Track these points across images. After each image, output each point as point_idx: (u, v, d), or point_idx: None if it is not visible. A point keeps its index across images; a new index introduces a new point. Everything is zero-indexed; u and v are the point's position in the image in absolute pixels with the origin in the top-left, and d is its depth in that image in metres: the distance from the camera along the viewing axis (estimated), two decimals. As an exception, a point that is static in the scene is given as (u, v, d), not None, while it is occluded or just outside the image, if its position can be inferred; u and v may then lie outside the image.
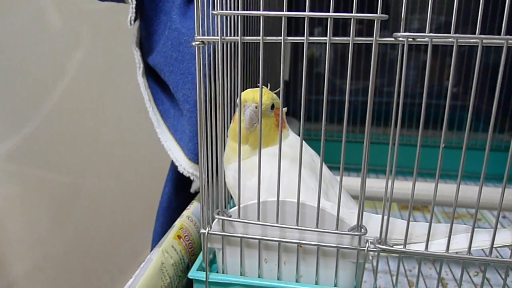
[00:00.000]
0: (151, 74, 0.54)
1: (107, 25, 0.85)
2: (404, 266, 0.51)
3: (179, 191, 0.59)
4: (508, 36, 0.28)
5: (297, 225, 0.35)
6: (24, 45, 0.90)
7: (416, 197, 0.52)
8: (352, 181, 0.49)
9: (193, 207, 0.49)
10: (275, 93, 0.41)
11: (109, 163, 1.02)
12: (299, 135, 0.44)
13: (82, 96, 0.93)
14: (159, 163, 0.69)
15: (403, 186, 0.48)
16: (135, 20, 0.50)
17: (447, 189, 0.53)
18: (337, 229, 0.34)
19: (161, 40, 0.50)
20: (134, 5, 0.48)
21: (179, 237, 0.43)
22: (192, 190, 0.58)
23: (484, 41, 0.28)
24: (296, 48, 0.86)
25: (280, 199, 0.35)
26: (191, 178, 0.50)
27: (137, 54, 0.53)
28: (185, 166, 0.49)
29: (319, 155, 0.44)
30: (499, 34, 0.28)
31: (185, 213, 0.48)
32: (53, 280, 1.22)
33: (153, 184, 0.77)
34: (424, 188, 0.52)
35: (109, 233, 1.10)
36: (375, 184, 0.51)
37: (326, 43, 0.29)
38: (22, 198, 1.14)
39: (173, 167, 0.59)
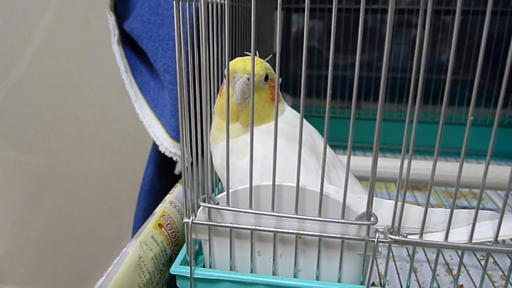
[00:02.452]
0: (128, 42, 0.48)
1: None
2: (409, 251, 0.46)
3: (162, 173, 0.54)
4: None
5: (296, 214, 0.30)
6: None
7: (420, 177, 0.47)
8: (357, 161, 0.44)
9: (177, 191, 0.44)
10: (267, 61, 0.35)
11: (90, 142, 0.96)
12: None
13: (53, 68, 0.86)
14: (143, 141, 0.63)
15: (415, 166, 0.43)
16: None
17: (450, 167, 0.49)
18: (343, 217, 0.29)
19: (138, 3, 0.44)
20: (105, -40, 0.42)
21: (160, 226, 0.38)
22: (177, 171, 0.53)
23: None
24: (287, 20, 0.80)
25: (276, 182, 0.30)
26: (174, 158, 0.44)
27: (111, 19, 0.47)
28: (167, 145, 0.43)
29: (318, 131, 0.40)
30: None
31: (168, 198, 0.42)
32: (33, 262, 1.18)
33: (138, 164, 0.71)
34: (426, 167, 0.47)
35: (91, 214, 1.05)
36: (384, 164, 0.47)
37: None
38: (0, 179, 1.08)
39: (155, 147, 0.53)
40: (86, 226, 1.07)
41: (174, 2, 0.27)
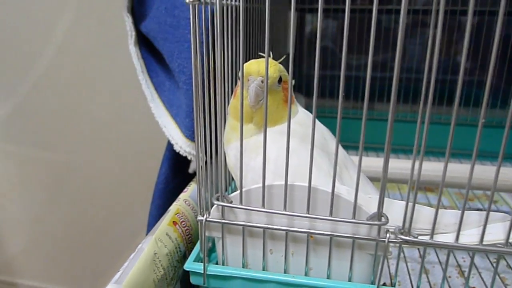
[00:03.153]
0: (144, 43, 0.49)
1: None
2: (420, 252, 0.47)
3: (177, 172, 0.55)
4: None
5: (308, 213, 0.30)
6: (7, 11, 0.85)
7: (433, 179, 0.47)
8: (370, 162, 0.44)
9: (191, 190, 0.45)
10: (280, 62, 0.36)
11: (106, 140, 0.98)
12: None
13: (71, 68, 0.88)
14: (158, 140, 0.64)
15: (427, 167, 0.43)
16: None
17: (463, 169, 0.49)
18: (353, 217, 0.30)
19: (155, 5, 0.45)
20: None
21: (174, 223, 0.39)
22: (191, 170, 0.54)
23: None
24: (300, 19, 0.81)
25: (288, 182, 0.30)
26: (188, 157, 0.45)
27: (128, 20, 0.48)
28: (182, 145, 0.44)
29: (330, 132, 0.40)
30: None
31: (182, 196, 0.43)
32: (50, 257, 1.21)
33: (152, 163, 0.73)
34: (438, 168, 0.47)
35: (106, 211, 1.07)
36: (396, 165, 0.47)
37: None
38: (19, 177, 1.11)
39: (170, 146, 0.54)
40: (101, 222, 1.09)
41: (190, 5, 0.28)
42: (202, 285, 0.34)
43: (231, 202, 0.32)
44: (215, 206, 0.33)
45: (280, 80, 0.35)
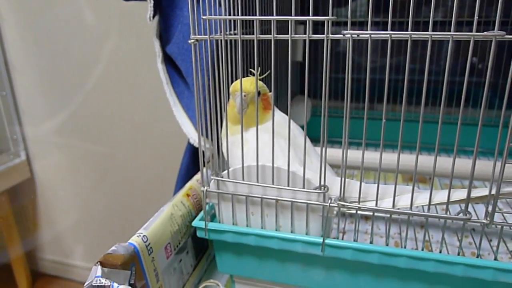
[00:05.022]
0: (169, 61, 0.64)
1: (132, 20, 0.96)
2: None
3: (195, 161, 0.69)
4: (452, 33, 0.34)
5: (274, 184, 0.44)
6: (67, 36, 1.05)
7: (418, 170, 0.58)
8: (333, 152, 0.57)
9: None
10: (263, 78, 0.49)
11: (142, 137, 1.15)
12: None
13: (116, 80, 1.07)
14: (184, 137, 0.80)
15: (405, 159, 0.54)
16: (153, 16, 0.59)
17: (447, 162, 0.59)
18: (303, 187, 0.43)
19: (176, 33, 0.60)
20: (152, 4, 0.58)
21: (188, 195, 0.53)
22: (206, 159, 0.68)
23: (413, 36, 0.35)
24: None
25: (261, 163, 0.44)
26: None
27: (157, 44, 0.63)
28: (196, 139, 0.59)
29: (300, 129, 0.53)
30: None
31: (195, 177, 0.58)
32: (94, 233, 1.39)
33: (179, 156, 0.88)
34: (426, 160, 0.57)
35: (142, 195, 1.24)
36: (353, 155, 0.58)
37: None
38: (69, 166, 1.30)
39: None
40: (136, 205, 1.27)
41: (192, 44, 0.42)
42: (204, 236, 0.48)
43: (222, 177, 0.46)
44: (212, 180, 0.46)
45: (259, 93, 0.48)
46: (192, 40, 0.41)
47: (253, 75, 0.50)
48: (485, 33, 0.34)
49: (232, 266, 0.50)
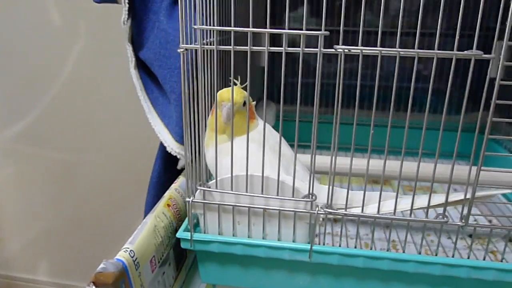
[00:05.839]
0: (142, 66, 0.62)
1: (102, 22, 0.92)
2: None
3: (167, 168, 0.68)
4: (438, 51, 0.36)
5: (262, 194, 0.44)
6: (28, 39, 0.99)
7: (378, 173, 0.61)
8: (321, 159, 0.58)
9: (180, 181, 0.58)
10: (244, 87, 0.49)
11: (109, 144, 1.11)
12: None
13: (83, 85, 1.02)
14: (149, 143, 0.78)
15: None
16: (127, 20, 0.57)
17: (406, 165, 0.63)
18: (293, 196, 0.44)
19: (150, 38, 0.58)
20: (127, 8, 0.56)
21: (168, 205, 0.52)
22: (179, 167, 0.67)
23: (401, 53, 0.37)
24: (272, 36, 0.93)
25: (249, 173, 0.44)
26: (178, 157, 0.58)
27: (129, 49, 0.60)
28: (173, 147, 0.57)
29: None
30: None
31: (173, 186, 0.57)
32: (49, 254, 1.31)
33: (144, 162, 0.86)
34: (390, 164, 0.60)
35: (109, 205, 1.19)
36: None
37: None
38: (28, 176, 1.22)
39: (162, 147, 0.67)
40: (97, 218, 1.21)
41: (181, 53, 0.41)
42: (189, 248, 0.47)
43: (209, 187, 0.46)
44: (198, 190, 0.46)
45: (244, 103, 0.48)
46: (182, 50, 0.41)
47: (235, 84, 0.50)
48: (465, 52, 0.37)
49: (216, 276, 0.50)
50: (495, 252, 0.52)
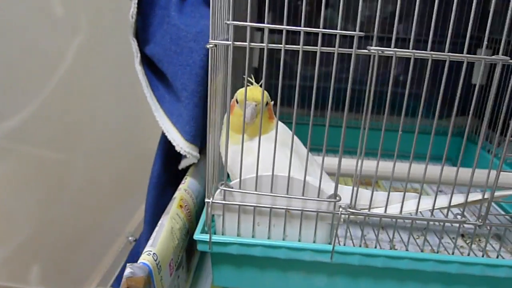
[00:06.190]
0: (146, 62, 0.60)
1: (105, 15, 0.88)
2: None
3: (167, 168, 0.66)
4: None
5: (286, 194, 0.44)
6: (27, 31, 0.92)
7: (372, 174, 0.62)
8: (328, 160, 0.58)
9: (188, 182, 0.56)
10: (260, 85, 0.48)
11: (105, 143, 1.06)
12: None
13: (83, 81, 0.97)
14: (145, 143, 0.75)
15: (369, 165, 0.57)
16: (135, 14, 0.55)
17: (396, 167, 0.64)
18: (318, 197, 0.43)
19: (158, 33, 0.56)
20: (136, 1, 0.53)
21: (181, 206, 0.50)
22: (180, 167, 0.65)
23: (433, 56, 0.38)
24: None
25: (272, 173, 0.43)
26: (187, 156, 0.57)
27: (134, 44, 0.58)
28: (182, 146, 0.56)
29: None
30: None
31: (182, 186, 0.55)
32: (43, 255, 1.23)
33: (137, 163, 0.83)
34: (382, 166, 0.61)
35: (104, 207, 1.13)
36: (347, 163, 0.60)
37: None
38: (20, 176, 1.13)
39: (162, 147, 0.65)
40: (98, 220, 1.15)
41: (210, 49, 0.40)
42: (207, 250, 0.46)
43: (231, 188, 0.44)
44: (218, 190, 0.45)
45: (266, 103, 0.47)
46: (211, 45, 0.39)
47: (251, 84, 0.49)
48: (493, 57, 0.38)
49: (231, 278, 0.49)
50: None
